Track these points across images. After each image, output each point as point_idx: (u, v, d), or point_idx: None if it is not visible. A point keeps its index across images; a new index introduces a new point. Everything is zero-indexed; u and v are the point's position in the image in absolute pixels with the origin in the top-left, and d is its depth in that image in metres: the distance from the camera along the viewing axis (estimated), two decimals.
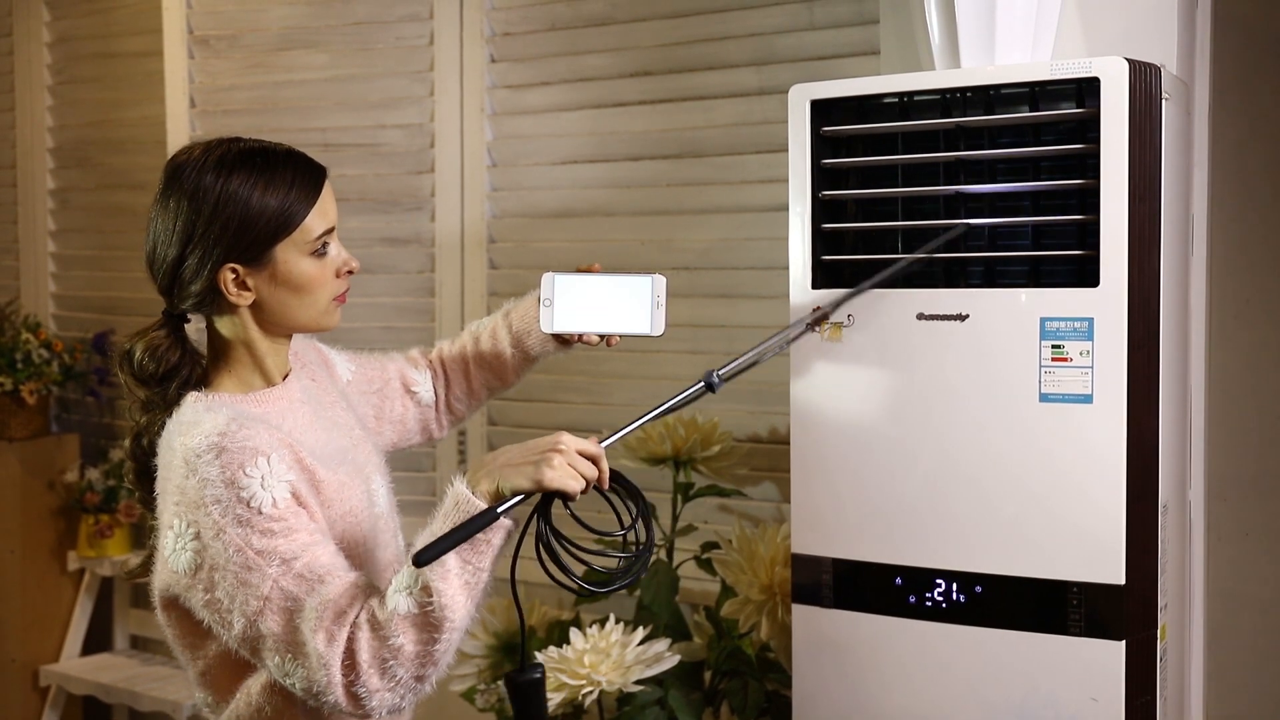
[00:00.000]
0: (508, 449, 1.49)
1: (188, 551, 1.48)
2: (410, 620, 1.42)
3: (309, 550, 1.47)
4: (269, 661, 1.47)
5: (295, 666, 1.45)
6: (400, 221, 3.12)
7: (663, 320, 1.72)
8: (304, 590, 1.45)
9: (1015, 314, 1.73)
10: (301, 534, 1.48)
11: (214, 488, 1.46)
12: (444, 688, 2.58)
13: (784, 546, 2.21)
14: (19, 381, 3.62)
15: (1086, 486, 1.70)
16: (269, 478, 1.47)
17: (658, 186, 2.82)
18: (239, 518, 1.45)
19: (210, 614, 1.49)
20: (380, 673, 1.43)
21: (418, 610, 1.42)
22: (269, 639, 1.45)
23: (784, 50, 2.64)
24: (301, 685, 1.45)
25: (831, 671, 1.89)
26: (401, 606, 1.42)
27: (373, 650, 1.42)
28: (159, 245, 1.56)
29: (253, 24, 3.27)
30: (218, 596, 1.47)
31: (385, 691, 1.43)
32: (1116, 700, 1.70)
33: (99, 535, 3.60)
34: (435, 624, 1.42)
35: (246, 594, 1.45)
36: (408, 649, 1.42)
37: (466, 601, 1.43)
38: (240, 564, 1.45)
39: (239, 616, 1.46)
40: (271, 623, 1.45)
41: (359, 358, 1.86)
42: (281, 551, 1.46)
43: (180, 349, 1.60)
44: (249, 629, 1.46)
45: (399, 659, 1.42)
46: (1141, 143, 1.67)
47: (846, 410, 1.86)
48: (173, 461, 1.51)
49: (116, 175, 3.75)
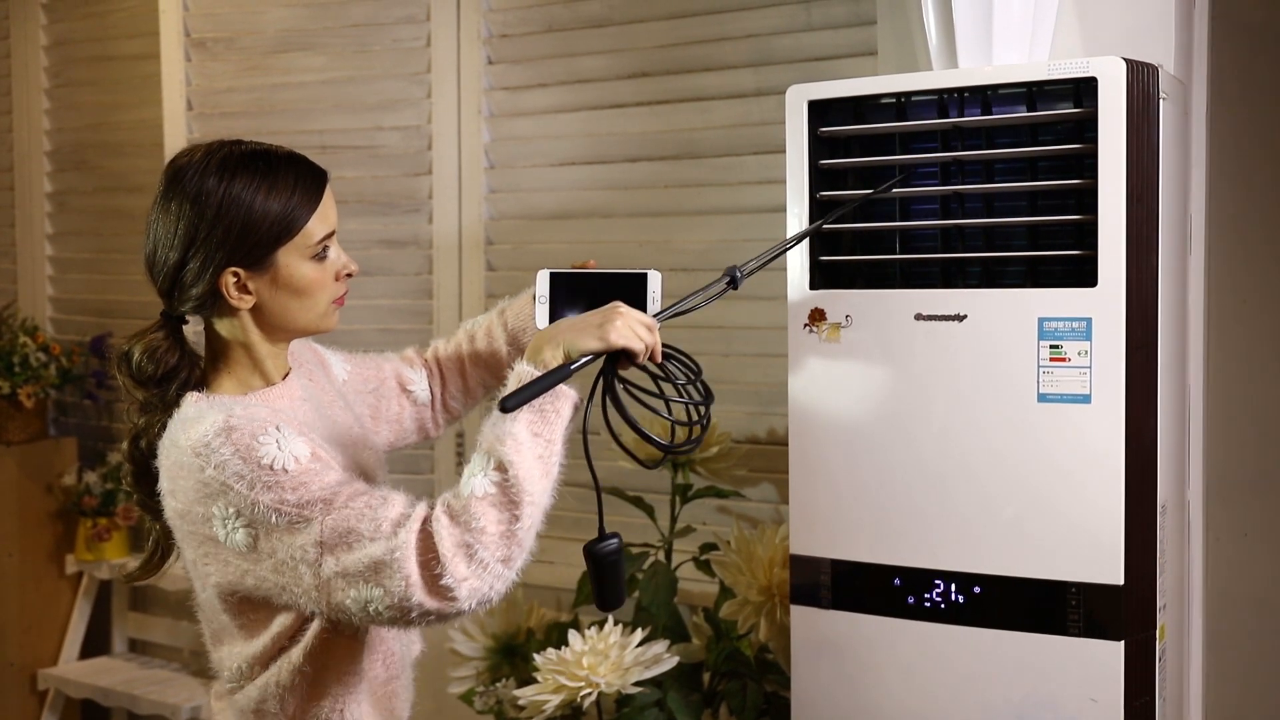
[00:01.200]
0: (562, 320, 1.56)
1: (239, 531, 1.48)
2: (488, 500, 1.43)
3: (344, 485, 1.48)
4: (347, 600, 1.45)
5: (372, 589, 1.44)
6: (398, 223, 3.12)
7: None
8: (353, 519, 1.45)
9: (1013, 314, 1.73)
10: (332, 473, 1.48)
11: (233, 465, 1.46)
12: (442, 690, 2.59)
13: (782, 547, 2.21)
14: (16, 385, 3.61)
15: (1085, 487, 1.70)
16: (283, 441, 1.47)
17: (655, 188, 2.81)
18: (266, 484, 1.45)
19: (280, 576, 1.48)
20: (467, 559, 1.42)
21: (495, 489, 1.43)
22: (338, 578, 1.45)
23: (781, 51, 2.64)
24: (386, 606, 1.44)
25: (830, 672, 1.89)
26: (479, 489, 1.43)
27: (455, 538, 1.42)
28: (160, 248, 1.56)
29: (250, 26, 3.27)
30: (281, 557, 1.47)
31: (473, 579, 1.43)
32: (1115, 701, 1.70)
33: (97, 538, 3.60)
34: (514, 500, 1.43)
35: (304, 543, 1.45)
36: (490, 529, 1.42)
37: (542, 477, 1.45)
38: (285, 523, 1.45)
39: (305, 567, 1.46)
40: (333, 563, 1.45)
41: (354, 358, 1.86)
42: (319, 496, 1.46)
43: (179, 350, 1.60)
44: (316, 575, 1.46)
45: (483, 541, 1.42)
46: (1139, 143, 1.67)
47: (845, 411, 1.86)
48: (181, 459, 1.50)
49: (114, 178, 3.75)
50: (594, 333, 1.51)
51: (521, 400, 1.45)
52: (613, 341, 1.51)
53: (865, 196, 1.83)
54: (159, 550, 1.68)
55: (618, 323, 1.51)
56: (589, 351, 1.51)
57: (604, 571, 1.54)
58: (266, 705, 1.60)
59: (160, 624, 3.68)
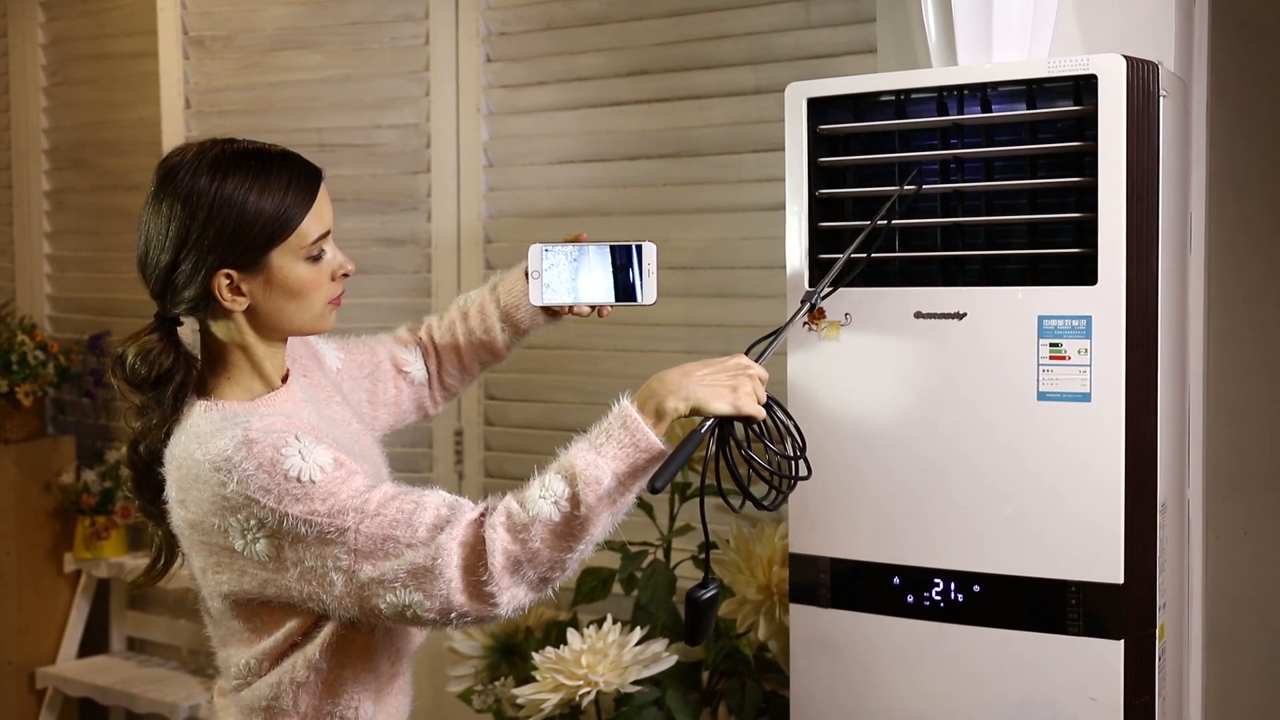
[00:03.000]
0: (691, 366, 1.52)
1: (260, 541, 1.47)
2: (550, 528, 1.44)
3: (373, 490, 1.48)
4: (382, 605, 1.46)
5: (411, 593, 1.45)
6: (396, 222, 3.12)
7: (654, 289, 1.70)
8: (387, 526, 1.45)
9: (1013, 312, 1.73)
10: (358, 479, 1.48)
11: (258, 478, 1.45)
12: (441, 688, 2.59)
13: (781, 546, 2.20)
14: (14, 383, 3.61)
15: (1085, 485, 1.69)
16: (305, 451, 1.46)
17: (654, 186, 2.81)
18: (295, 496, 1.45)
19: (308, 584, 1.48)
20: (513, 572, 1.44)
21: (560, 520, 1.44)
22: (374, 584, 1.45)
23: (780, 49, 2.63)
24: (425, 610, 1.45)
25: (829, 671, 1.88)
26: (544, 513, 1.44)
27: (508, 550, 1.44)
28: (152, 249, 1.54)
29: (247, 24, 3.26)
30: (310, 565, 1.46)
31: (514, 588, 1.45)
32: (1115, 700, 1.69)
33: (95, 537, 3.60)
34: (575, 535, 1.45)
35: (336, 551, 1.45)
36: (543, 554, 1.45)
37: (610, 519, 1.47)
38: (316, 532, 1.45)
39: (337, 575, 1.46)
40: (367, 567, 1.45)
41: (347, 344, 1.85)
42: (348, 503, 1.46)
43: (173, 353, 1.58)
44: (350, 582, 1.46)
45: (533, 562, 1.45)
46: (1139, 140, 1.67)
47: (844, 409, 1.86)
48: (198, 473, 1.49)
49: (112, 176, 3.74)
50: (727, 397, 1.50)
51: (669, 476, 1.44)
52: (744, 410, 1.50)
53: (898, 192, 1.82)
54: (162, 556, 1.66)
55: (748, 388, 1.50)
56: (719, 415, 1.50)
57: (699, 614, 1.55)
58: (279, 702, 1.59)
59: (159, 623, 3.67)
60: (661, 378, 1.51)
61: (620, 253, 1.69)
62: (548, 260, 1.71)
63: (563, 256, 1.71)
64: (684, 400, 1.48)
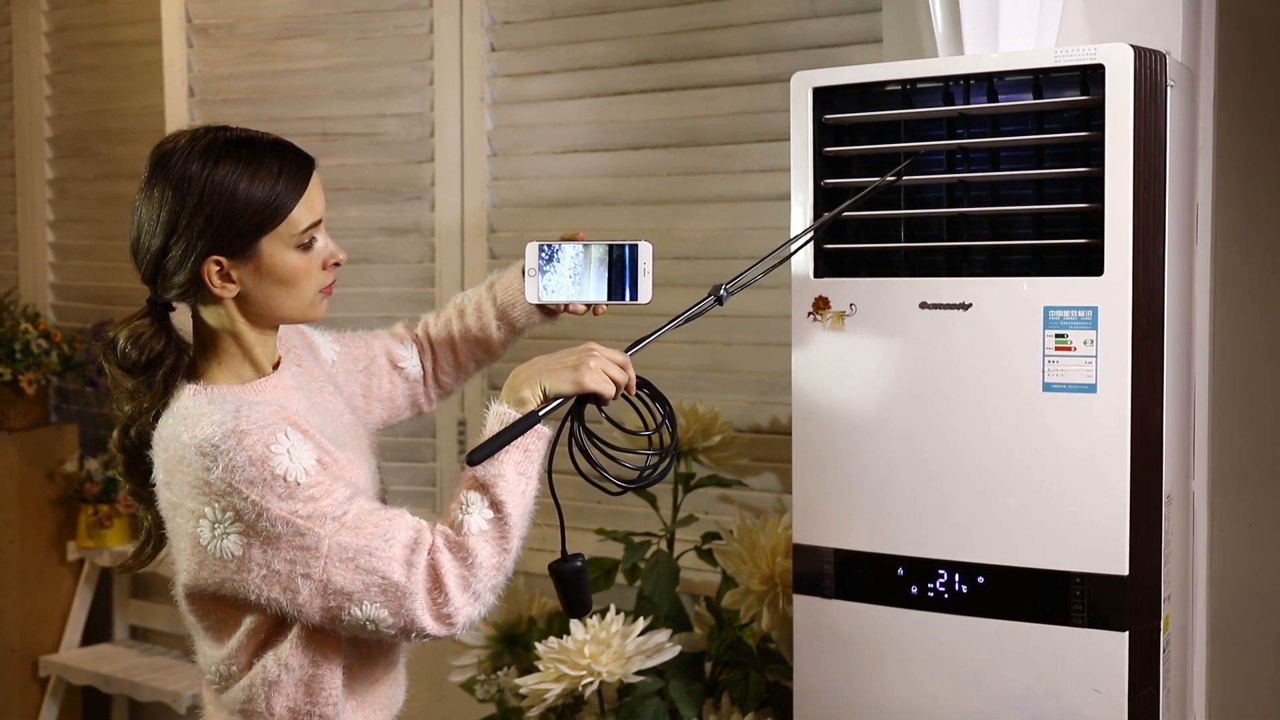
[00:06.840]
0: (539, 359, 1.60)
1: (230, 536, 1.48)
2: (484, 537, 1.51)
3: (353, 501, 1.51)
4: (345, 616, 1.49)
5: (379, 609, 1.49)
6: (400, 211, 3.11)
7: (649, 288, 1.72)
8: (361, 538, 1.48)
9: (1018, 303, 1.72)
10: (340, 488, 1.50)
11: (245, 470, 1.46)
12: (443, 678, 2.59)
13: (785, 537, 2.20)
14: (18, 372, 3.61)
15: (1090, 477, 1.69)
16: (294, 450, 1.48)
17: (659, 176, 2.80)
18: (279, 493, 1.46)
19: (270, 588, 1.49)
20: (463, 589, 1.51)
21: (490, 527, 1.51)
22: (340, 594, 1.48)
23: (785, 38, 2.62)
24: (388, 625, 1.50)
25: (833, 662, 1.88)
26: (475, 526, 1.51)
27: (456, 571, 1.50)
28: (143, 235, 1.54)
29: (251, 12, 3.25)
30: (277, 569, 1.48)
31: (468, 606, 1.51)
32: (1119, 691, 1.69)
33: (98, 526, 3.60)
34: (507, 536, 1.52)
35: (307, 557, 1.47)
36: (486, 564, 1.51)
37: (526, 513, 1.54)
38: (292, 533, 1.47)
39: (303, 580, 1.48)
40: (339, 577, 1.48)
41: (343, 337, 1.85)
42: (328, 511, 1.48)
43: (164, 337, 1.57)
44: (317, 589, 1.48)
45: (478, 575, 1.51)
46: (1146, 130, 1.66)
47: (849, 400, 1.85)
48: (184, 455, 1.49)
49: (115, 165, 3.74)
50: (568, 375, 1.57)
51: (488, 453, 1.52)
52: (586, 385, 1.56)
53: (872, 189, 1.81)
54: (151, 540, 1.66)
55: (591, 364, 1.57)
56: (560, 394, 1.57)
57: (569, 586, 1.62)
58: (253, 705, 1.58)
59: (162, 611, 3.67)
60: (515, 373, 1.59)
61: (617, 251, 1.70)
62: (544, 258, 1.71)
63: (560, 254, 1.71)
64: (535, 387, 1.56)
